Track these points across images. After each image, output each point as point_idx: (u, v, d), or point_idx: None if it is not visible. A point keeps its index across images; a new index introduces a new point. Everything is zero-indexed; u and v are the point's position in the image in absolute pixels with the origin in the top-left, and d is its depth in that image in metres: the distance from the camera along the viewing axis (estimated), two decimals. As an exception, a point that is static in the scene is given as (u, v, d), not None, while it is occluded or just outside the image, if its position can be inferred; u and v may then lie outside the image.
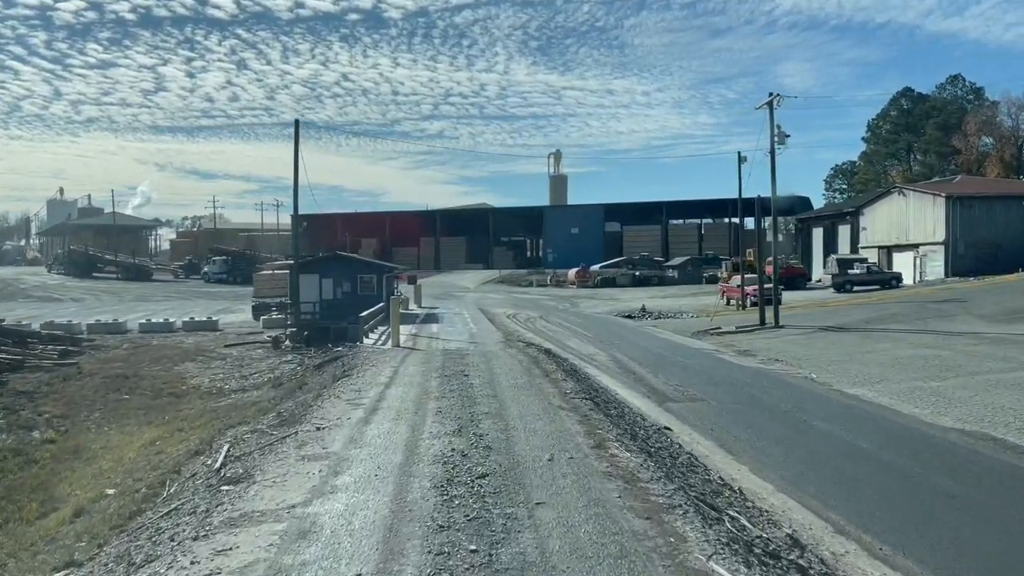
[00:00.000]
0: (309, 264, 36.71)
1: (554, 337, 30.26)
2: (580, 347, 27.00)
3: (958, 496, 10.55)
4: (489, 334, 28.08)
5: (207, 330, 40.30)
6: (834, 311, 37.05)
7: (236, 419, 14.12)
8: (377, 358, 18.77)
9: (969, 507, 10.07)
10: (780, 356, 24.88)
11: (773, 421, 15.45)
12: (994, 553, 8.61)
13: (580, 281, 73.23)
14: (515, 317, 40.48)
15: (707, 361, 24.44)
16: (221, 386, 22.39)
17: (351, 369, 17.25)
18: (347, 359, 20.31)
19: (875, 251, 59.03)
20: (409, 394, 12.95)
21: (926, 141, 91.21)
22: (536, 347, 23.55)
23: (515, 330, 32.53)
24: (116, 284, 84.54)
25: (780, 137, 32.71)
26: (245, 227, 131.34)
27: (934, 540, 8.85)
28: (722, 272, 69.74)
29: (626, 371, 21.61)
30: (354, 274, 36.16)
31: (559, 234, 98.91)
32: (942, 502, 10.37)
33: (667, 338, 31.18)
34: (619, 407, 14.86)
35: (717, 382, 20.20)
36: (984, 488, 10.94)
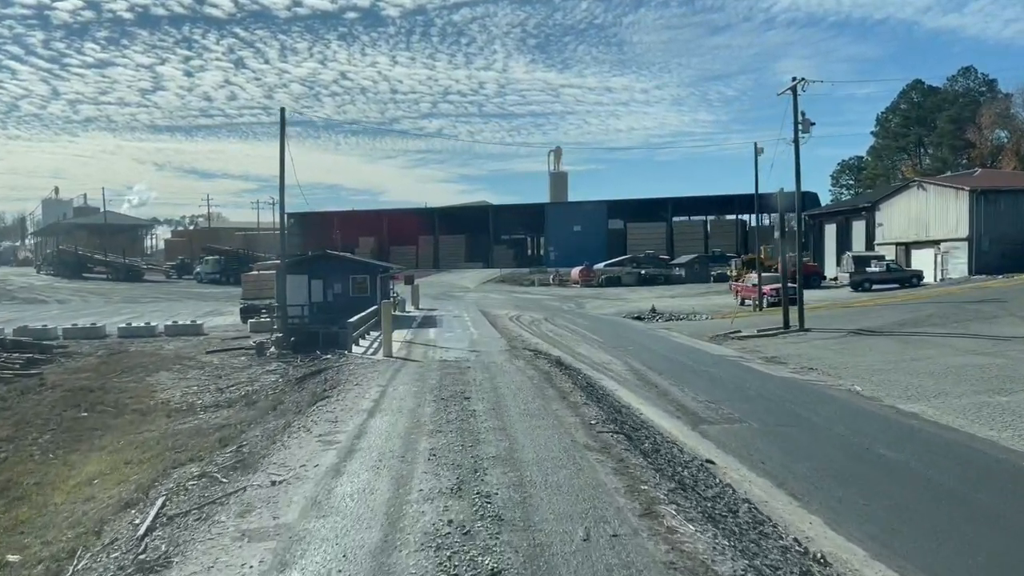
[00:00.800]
0: (297, 264, 34.26)
1: (562, 343, 27.87)
2: (592, 354, 24.61)
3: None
4: (492, 340, 25.68)
5: (191, 334, 37.87)
6: (861, 312, 34.63)
7: (191, 452, 11.76)
8: (365, 372, 16.36)
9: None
10: (814, 364, 22.49)
11: (830, 449, 13.05)
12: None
13: (584, 280, 70.84)
14: (518, 319, 38.08)
15: (734, 370, 22.03)
16: (193, 401, 19.98)
17: (333, 387, 14.82)
18: (332, 372, 17.91)
19: (892, 248, 56.61)
20: (396, 427, 10.48)
21: (938, 135, 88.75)
22: (544, 356, 21.16)
23: (519, 335, 30.13)
24: (105, 285, 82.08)
25: (804, 125, 30.30)
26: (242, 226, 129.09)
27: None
28: (731, 270, 67.31)
29: (646, 383, 19.22)
30: (346, 275, 33.71)
31: (561, 232, 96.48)
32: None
33: (684, 343, 28.79)
34: (650, 434, 12.48)
35: (751, 397, 17.81)
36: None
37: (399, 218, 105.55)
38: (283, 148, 29.41)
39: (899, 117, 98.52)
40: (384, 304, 22.11)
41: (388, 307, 21.65)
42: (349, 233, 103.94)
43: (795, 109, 30.28)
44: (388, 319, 21.28)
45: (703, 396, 17.55)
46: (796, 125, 30.29)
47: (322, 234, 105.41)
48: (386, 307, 21.70)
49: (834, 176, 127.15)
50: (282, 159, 29.33)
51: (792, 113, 30.17)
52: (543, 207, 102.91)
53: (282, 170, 29.48)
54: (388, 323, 21.22)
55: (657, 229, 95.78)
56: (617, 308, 48.27)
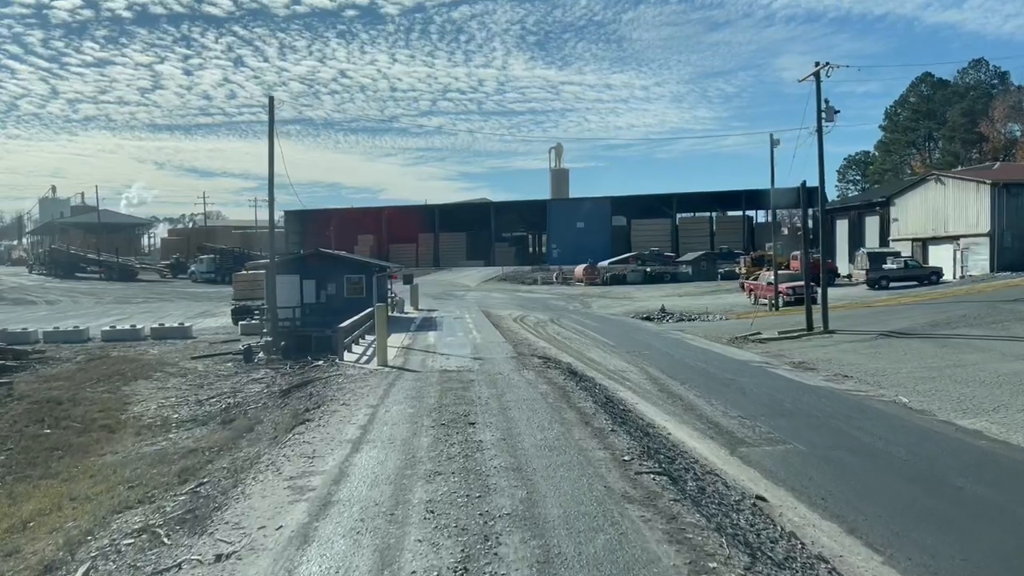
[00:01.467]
0: (288, 264, 32.36)
1: (571, 347, 25.99)
2: (605, 360, 22.73)
3: None
4: (496, 345, 23.80)
5: (178, 337, 36.05)
6: (886, 312, 32.73)
7: (144, 490, 9.91)
8: (354, 387, 14.47)
9: None
10: (848, 371, 20.60)
11: (895, 479, 11.16)
12: None
13: (588, 279, 68.94)
14: (523, 321, 36.21)
15: (761, 378, 20.14)
16: (168, 416, 18.12)
17: (317, 406, 12.92)
18: (318, 386, 16.03)
19: (908, 244, 54.73)
20: (386, 465, 8.67)
21: (950, 128, 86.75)
22: (555, 364, 19.29)
23: (525, 338, 28.26)
24: (98, 285, 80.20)
25: (828, 114, 28.39)
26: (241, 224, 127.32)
27: None
28: (740, 268, 65.49)
29: (669, 395, 17.33)
30: (340, 274, 31.80)
31: (563, 229, 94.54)
32: None
33: (701, 346, 26.91)
34: (687, 462, 10.62)
35: (787, 411, 15.93)
36: None
37: (398, 216, 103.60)
38: (272, 139, 27.56)
39: (908, 111, 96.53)
40: (378, 307, 20.14)
41: (383, 311, 19.70)
42: (347, 231, 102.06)
43: (818, 96, 28.40)
44: (383, 324, 19.36)
45: (734, 410, 15.68)
46: (819, 113, 28.39)
47: (320, 232, 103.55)
48: (380, 311, 19.73)
49: (840, 171, 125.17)
50: (271, 151, 27.47)
51: (816, 100, 28.25)
52: (545, 204, 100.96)
53: (271, 162, 27.62)
54: (383, 329, 19.30)
55: (661, 226, 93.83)
56: (625, 308, 46.37)
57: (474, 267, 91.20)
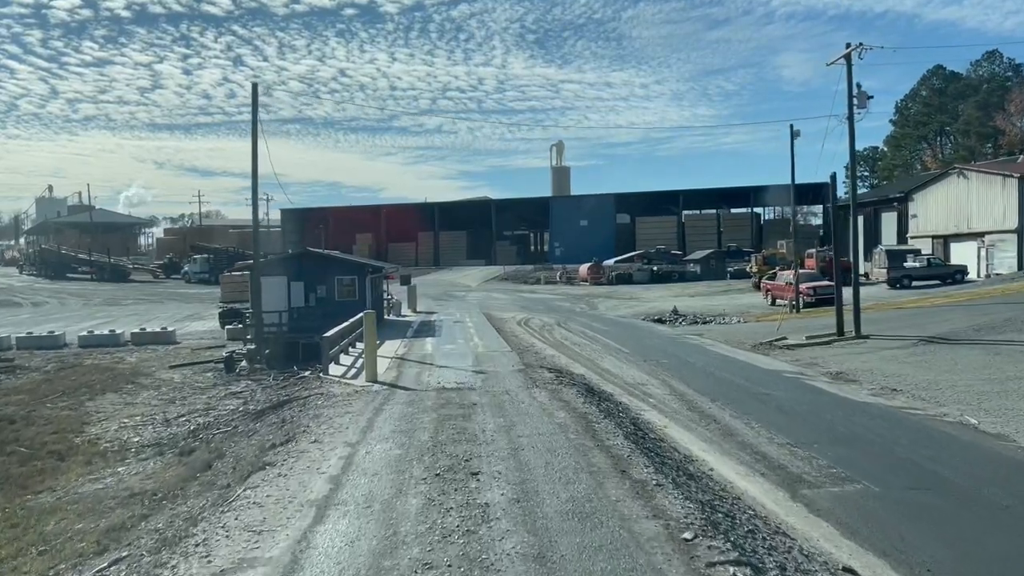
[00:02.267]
0: (275, 265, 30.12)
1: (582, 354, 23.75)
2: (621, 371, 20.48)
3: None
4: (500, 355, 21.54)
5: (160, 343, 33.83)
6: (919, 314, 30.48)
7: (49, 562, 7.73)
8: (333, 414, 12.20)
9: None
10: (895, 384, 18.34)
11: (1009, 536, 8.91)
12: None
13: (593, 278, 66.69)
14: (527, 324, 33.97)
15: (800, 393, 17.89)
16: (127, 440, 15.91)
17: (286, 440, 10.62)
18: (295, 408, 13.78)
19: (928, 241, 52.44)
20: (356, 550, 6.42)
21: (964, 122, 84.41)
22: (568, 378, 17.06)
23: (530, 344, 26.02)
24: (88, 286, 78.00)
25: (860, 99, 26.14)
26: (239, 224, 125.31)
27: None
28: (751, 266, 63.21)
29: (701, 415, 15.09)
30: (331, 276, 29.54)
31: (566, 227, 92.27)
32: None
33: (724, 353, 24.65)
34: (744, 514, 8.37)
35: (842, 436, 13.68)
36: None
37: (397, 214, 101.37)
38: (255, 128, 25.31)
39: (919, 105, 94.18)
40: (367, 316, 17.79)
41: (371, 319, 17.35)
42: (345, 230, 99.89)
43: (849, 80, 26.16)
44: (372, 335, 17.07)
45: (780, 436, 13.43)
46: (850, 99, 26.15)
47: (318, 231, 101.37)
48: (369, 319, 17.38)
49: (846, 167, 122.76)
50: (254, 141, 25.23)
51: (847, 85, 25.99)
52: (547, 201, 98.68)
53: (254, 152, 25.36)
54: (372, 340, 17.02)
55: (667, 223, 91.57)
56: (633, 309, 44.13)
57: (475, 266, 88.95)
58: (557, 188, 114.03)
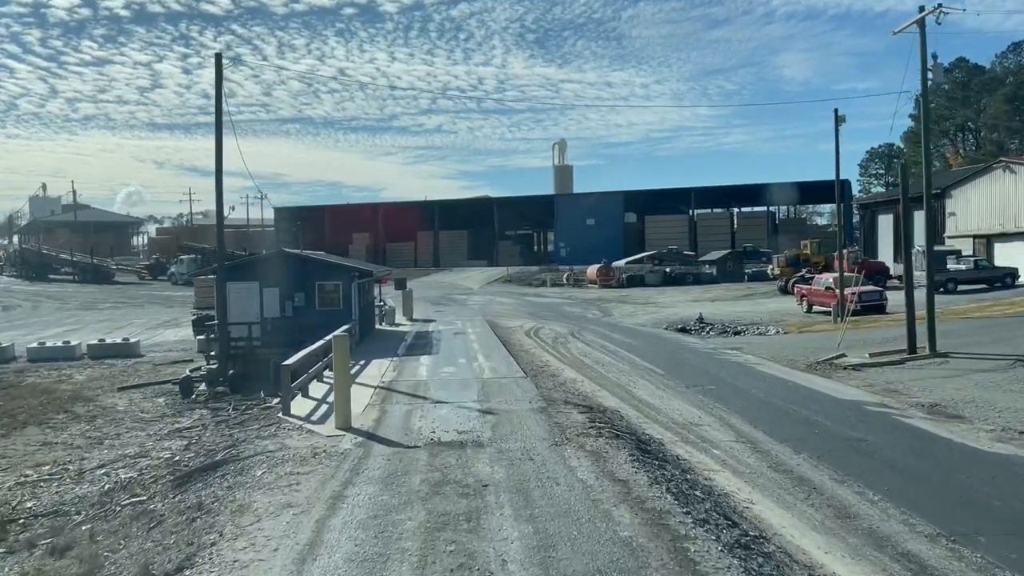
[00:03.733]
0: (245, 268, 25.97)
1: (608, 377, 19.68)
2: (662, 403, 16.40)
3: None
4: (512, 384, 17.42)
5: (121, 356, 29.82)
6: (994, 326, 26.44)
7: None
8: (270, 504, 8.13)
9: None
10: (1021, 424, 14.26)
11: None
12: None
13: (602, 280, 62.57)
14: (537, 335, 29.90)
15: (902, 438, 13.80)
16: (16, 505, 11.87)
17: (183, 564, 6.74)
18: (231, 475, 9.69)
19: (968, 241, 48.36)
20: None
21: (991, 116, 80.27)
22: (604, 421, 12.99)
23: (545, 363, 21.96)
24: (69, 287, 73.93)
25: (936, 71, 22.10)
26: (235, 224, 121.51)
27: None
28: (773, 268, 59.12)
29: (790, 477, 11.03)
30: (310, 281, 25.40)
31: (572, 226, 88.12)
32: None
33: (777, 374, 20.55)
34: None
35: (1008, 517, 9.62)
36: None
37: (396, 212, 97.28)
38: (219, 103, 21.25)
39: (941, 98, 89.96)
40: (336, 340, 13.31)
41: (343, 346, 12.89)
42: (342, 229, 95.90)
43: (923, 49, 22.07)
44: (343, 368, 12.72)
45: (918, 516, 9.38)
46: (924, 70, 22.11)
47: (313, 230, 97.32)
48: (340, 346, 12.94)
49: (862, 165, 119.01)
50: (218, 117, 21.16)
51: (920, 53, 21.92)
52: (552, 199, 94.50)
53: (219, 124, 21.30)
54: (344, 375, 12.69)
55: (678, 222, 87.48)
56: (652, 316, 40.04)
57: (476, 267, 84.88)
58: (560, 187, 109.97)
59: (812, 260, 55.69)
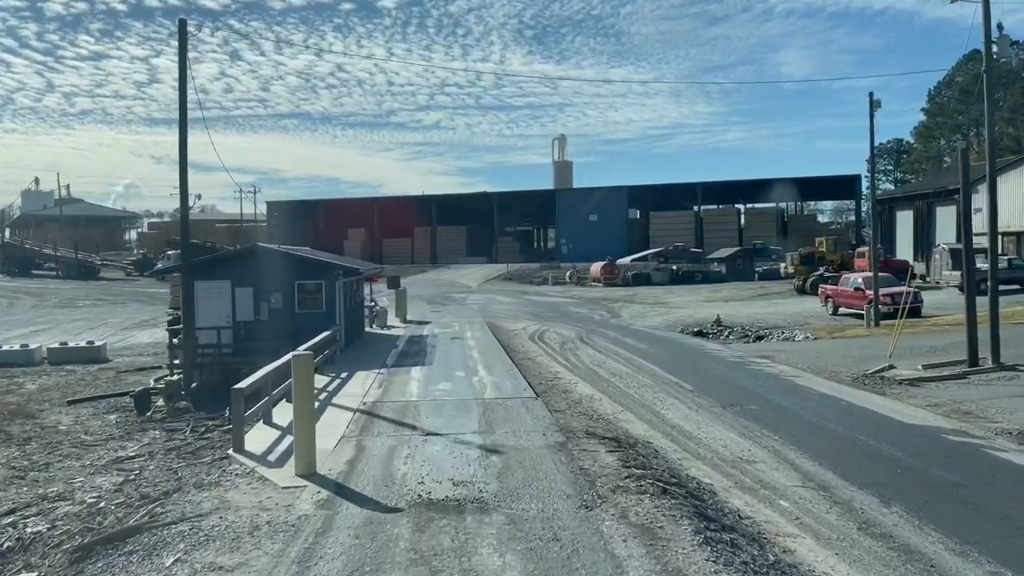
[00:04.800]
0: (213, 264, 23.14)
1: (630, 394, 16.98)
2: (699, 429, 13.69)
3: None
4: (520, 406, 14.72)
5: (84, 361, 27.16)
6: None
7: None
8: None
9: None
10: None
11: None
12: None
13: (607, 279, 59.88)
14: (542, 339, 27.22)
15: (1008, 482, 11.10)
16: None
17: None
18: (142, 551, 7.15)
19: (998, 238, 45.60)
20: None
21: (1009, 109, 77.59)
22: (637, 460, 10.32)
23: (555, 375, 19.26)
24: (51, 284, 71.10)
25: (1002, 43, 19.42)
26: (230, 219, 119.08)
27: None
28: (787, 266, 56.48)
29: (896, 548, 8.35)
30: (289, 280, 22.61)
31: (574, 222, 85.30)
32: None
33: (822, 390, 17.85)
34: None
35: None
36: None
37: (392, 207, 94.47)
38: (183, 68, 18.49)
39: (955, 92, 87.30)
40: (297, 360, 10.21)
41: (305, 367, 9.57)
42: (337, 224, 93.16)
43: (986, 17, 19.35)
44: (306, 399, 9.62)
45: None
46: (988, 39, 19.38)
47: (307, 225, 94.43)
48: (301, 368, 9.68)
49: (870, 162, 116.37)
50: (182, 83, 18.40)
51: (983, 24, 19.20)
52: (553, 194, 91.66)
53: (183, 90, 18.55)
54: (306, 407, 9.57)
55: (683, 218, 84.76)
56: (664, 318, 37.34)
57: (475, 264, 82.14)
58: (559, 183, 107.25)
59: (827, 258, 53.07)
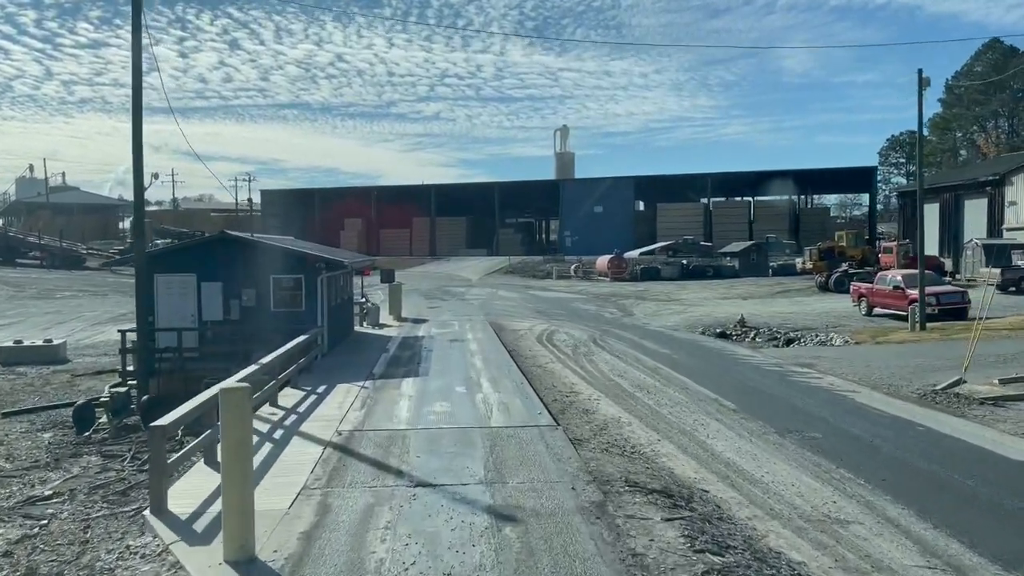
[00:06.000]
0: (176, 255, 20.12)
1: (663, 414, 14.14)
2: (757, 465, 10.85)
3: None
4: (535, 438, 11.87)
5: (39, 362, 24.32)
6: None
7: None
8: None
9: None
10: None
11: None
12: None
13: (614, 273, 57.06)
14: (551, 341, 24.38)
15: None
16: None
17: None
18: None
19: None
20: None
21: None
22: (702, 528, 7.51)
23: (571, 389, 16.41)
24: (33, 273, 68.19)
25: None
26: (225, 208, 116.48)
27: None
28: (805, 262, 53.76)
29: None
30: (263, 273, 19.62)
31: (578, 213, 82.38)
32: None
33: (892, 412, 14.99)
34: None
35: None
36: None
37: (390, 196, 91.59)
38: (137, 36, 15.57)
39: (976, 81, 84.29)
40: (227, 398, 7.16)
41: (238, 407, 6.55)
42: (334, 215, 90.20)
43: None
44: (238, 455, 6.26)
45: None
46: None
47: (303, 215, 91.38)
48: (232, 409, 6.24)
49: (882, 153, 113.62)
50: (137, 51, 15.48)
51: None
52: (557, 184, 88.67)
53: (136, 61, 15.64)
54: (238, 467, 6.03)
55: (692, 211, 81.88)
56: (681, 317, 34.50)
57: (475, 256, 79.30)
58: (562, 175, 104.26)
59: (848, 253, 50.34)
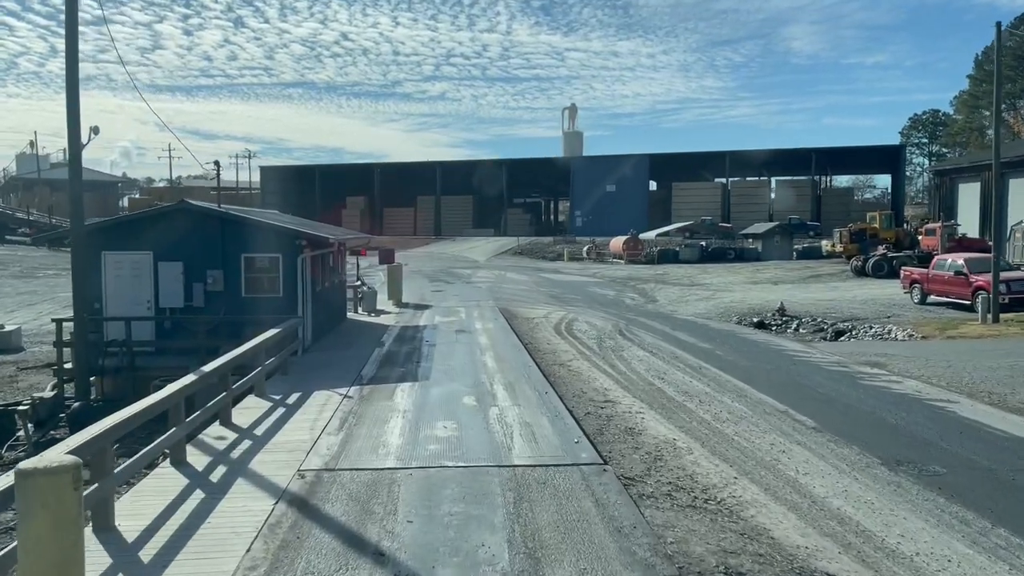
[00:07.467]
0: (127, 228, 16.84)
1: (724, 431, 11.07)
2: (883, 524, 7.81)
3: None
4: (577, 488, 8.77)
5: (-12, 352, 21.30)
6: None
7: None
8: None
9: None
10: None
11: None
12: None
13: (630, 255, 53.84)
14: (571, 332, 21.27)
15: None
16: None
17: None
18: None
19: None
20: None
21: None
22: None
23: (606, 396, 13.33)
24: (20, 251, 65.26)
25: None
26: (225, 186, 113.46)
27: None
28: (833, 244, 50.48)
29: None
30: (234, 253, 16.39)
31: (590, 193, 78.97)
32: None
33: (1017, 433, 11.84)
34: None
35: None
36: None
37: (394, 173, 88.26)
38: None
39: (1006, 57, 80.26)
40: (28, 486, 4.26)
41: (61, 502, 3.58)
42: (335, 192, 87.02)
43: None
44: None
45: None
46: None
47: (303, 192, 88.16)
48: (41, 503, 3.51)
49: (903, 133, 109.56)
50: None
51: None
52: (567, 162, 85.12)
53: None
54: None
55: (710, 190, 78.42)
56: (709, 303, 31.35)
57: (482, 236, 76.13)
58: (570, 155, 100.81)
59: (881, 235, 47.06)
